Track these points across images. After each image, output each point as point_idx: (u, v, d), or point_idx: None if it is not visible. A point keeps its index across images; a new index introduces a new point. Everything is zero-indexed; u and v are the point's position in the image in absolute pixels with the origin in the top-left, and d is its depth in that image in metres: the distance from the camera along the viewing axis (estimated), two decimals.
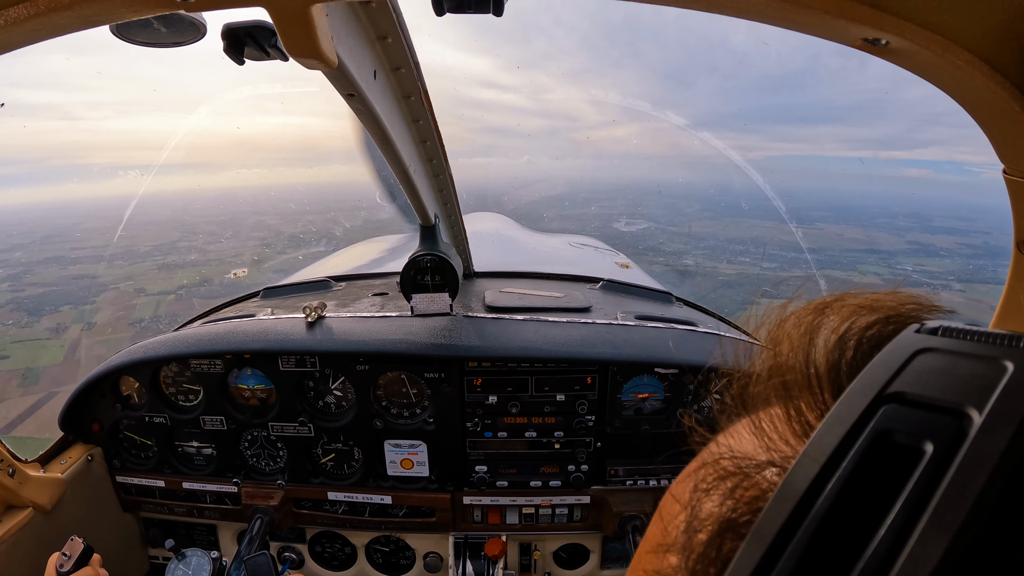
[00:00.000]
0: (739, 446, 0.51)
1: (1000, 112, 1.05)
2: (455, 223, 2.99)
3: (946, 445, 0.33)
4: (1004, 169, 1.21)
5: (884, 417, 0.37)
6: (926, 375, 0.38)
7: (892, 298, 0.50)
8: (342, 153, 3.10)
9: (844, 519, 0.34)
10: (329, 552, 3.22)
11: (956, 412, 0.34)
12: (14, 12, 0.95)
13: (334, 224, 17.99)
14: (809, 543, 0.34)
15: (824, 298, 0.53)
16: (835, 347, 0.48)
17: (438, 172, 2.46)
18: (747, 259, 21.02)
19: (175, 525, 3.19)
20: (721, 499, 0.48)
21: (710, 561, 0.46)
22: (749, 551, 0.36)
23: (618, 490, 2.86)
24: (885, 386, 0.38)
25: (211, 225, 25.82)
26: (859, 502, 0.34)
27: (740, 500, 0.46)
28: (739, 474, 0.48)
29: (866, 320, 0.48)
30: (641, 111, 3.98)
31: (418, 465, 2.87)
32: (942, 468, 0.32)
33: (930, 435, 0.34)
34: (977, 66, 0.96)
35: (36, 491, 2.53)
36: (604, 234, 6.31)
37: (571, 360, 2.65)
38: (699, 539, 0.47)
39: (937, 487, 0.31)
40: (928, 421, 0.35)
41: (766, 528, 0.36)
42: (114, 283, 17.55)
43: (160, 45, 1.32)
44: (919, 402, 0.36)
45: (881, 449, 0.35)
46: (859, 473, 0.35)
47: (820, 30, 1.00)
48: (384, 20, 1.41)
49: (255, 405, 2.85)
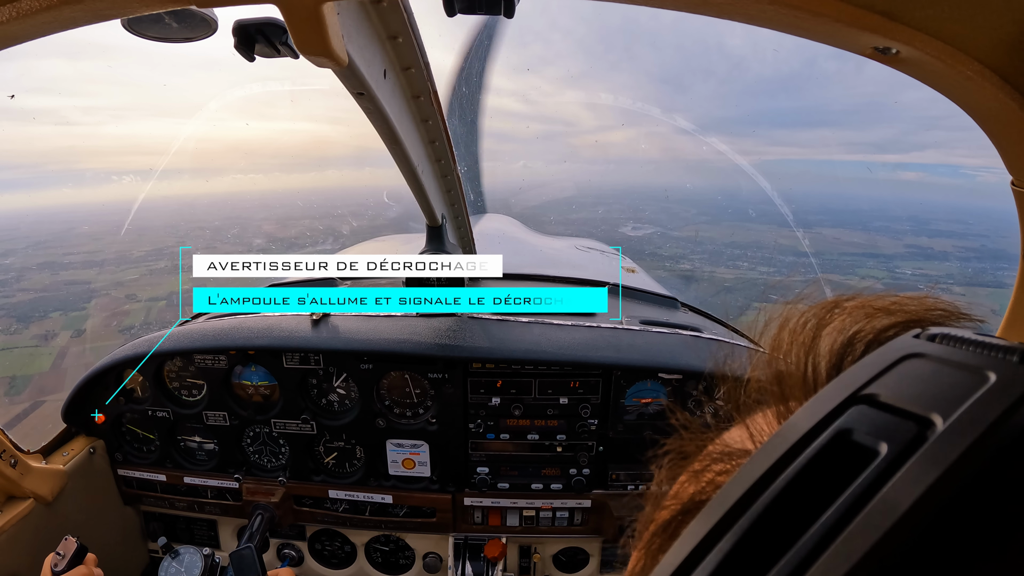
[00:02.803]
0: (730, 436, 0.52)
1: (1010, 124, 1.04)
2: (462, 224, 2.99)
3: (900, 448, 0.33)
4: (1012, 181, 1.20)
5: (849, 416, 0.37)
6: (905, 380, 0.38)
7: (918, 303, 0.50)
8: (343, 158, 3.10)
9: (788, 507, 0.35)
10: (329, 550, 3.23)
11: (920, 419, 0.34)
12: (26, 4, 0.95)
13: (340, 222, 17.98)
14: (744, 533, 0.35)
15: (837, 297, 0.53)
16: (841, 348, 0.48)
17: (446, 173, 2.45)
18: (745, 263, 20.97)
19: (176, 519, 3.20)
20: (688, 479, 0.49)
21: (663, 536, 0.48)
22: (698, 525, 0.37)
23: (619, 495, 2.85)
24: (861, 388, 0.38)
25: (209, 231, 25.82)
26: (806, 493, 0.35)
27: (711, 483, 0.47)
28: (717, 459, 0.49)
29: (885, 322, 0.48)
30: (644, 114, 3.97)
31: (420, 465, 2.87)
32: (890, 471, 0.32)
33: (887, 437, 0.34)
34: (987, 77, 0.96)
35: (37, 482, 2.54)
36: (610, 238, 6.31)
37: (575, 363, 2.65)
38: (662, 516, 0.49)
39: (881, 488, 0.32)
40: (890, 424, 0.35)
41: (717, 506, 0.37)
42: (105, 289, 17.50)
43: (171, 40, 1.33)
44: (888, 406, 0.36)
45: (839, 446, 0.36)
46: (811, 468, 0.36)
47: (831, 38, 1.00)
48: (395, 19, 1.41)
49: (258, 401, 2.86)
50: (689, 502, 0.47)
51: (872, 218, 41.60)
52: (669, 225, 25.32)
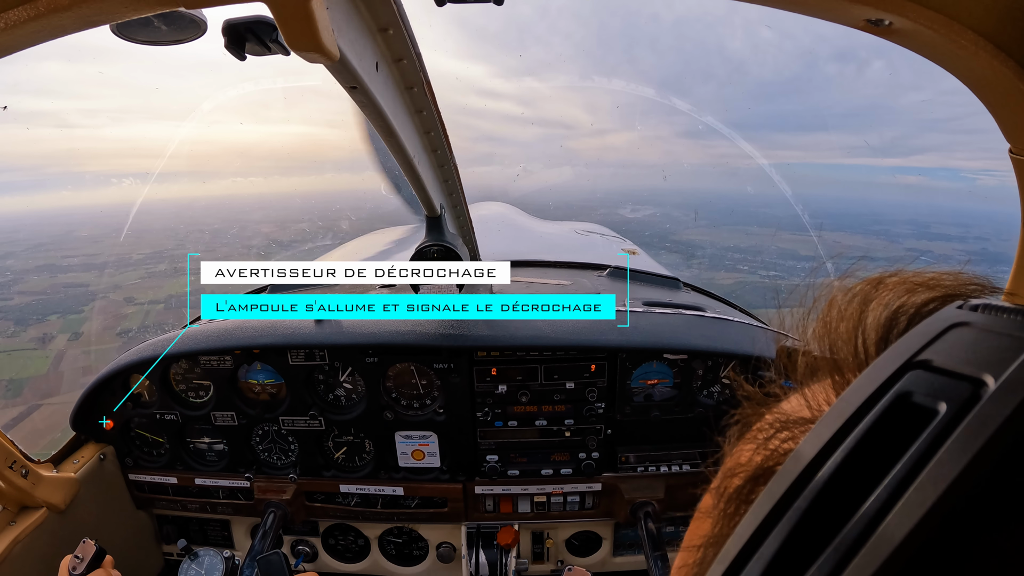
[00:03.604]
0: (787, 406, 0.54)
1: (1005, 91, 1.04)
2: (461, 213, 2.98)
3: (958, 407, 0.35)
4: (1010, 149, 1.20)
5: (907, 381, 0.39)
6: (955, 346, 0.40)
7: (954, 278, 0.53)
8: (340, 161, 3.09)
9: (855, 469, 0.37)
10: (342, 544, 3.25)
11: (974, 379, 0.36)
12: (14, 15, 0.95)
13: (340, 218, 17.90)
14: (820, 491, 0.37)
15: (881, 274, 0.56)
16: (887, 321, 0.50)
17: (443, 162, 2.45)
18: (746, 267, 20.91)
19: (188, 521, 3.21)
20: (756, 448, 0.51)
21: (738, 501, 0.50)
22: (769, 493, 0.39)
23: (629, 477, 2.87)
24: (915, 354, 0.40)
25: (208, 234, 25.72)
26: (871, 455, 0.37)
27: (776, 451, 0.49)
28: (780, 428, 0.51)
29: (925, 296, 0.51)
30: (646, 112, 3.95)
31: (429, 456, 2.88)
32: (951, 427, 0.34)
33: (946, 397, 0.36)
34: (981, 45, 0.95)
35: (50, 491, 2.55)
36: (609, 221, 6.29)
37: (580, 348, 2.66)
38: (734, 483, 0.51)
39: (943, 444, 0.33)
40: (948, 385, 0.37)
41: (786, 475, 0.39)
42: (104, 292, 17.43)
43: (161, 43, 1.32)
44: (943, 369, 0.38)
45: (901, 409, 0.38)
46: (876, 429, 0.38)
47: (823, 11, 0.99)
48: (385, 11, 1.41)
49: (265, 400, 2.87)
50: (758, 469, 0.49)
51: (872, 221, 41.55)
52: (670, 204, 25.23)
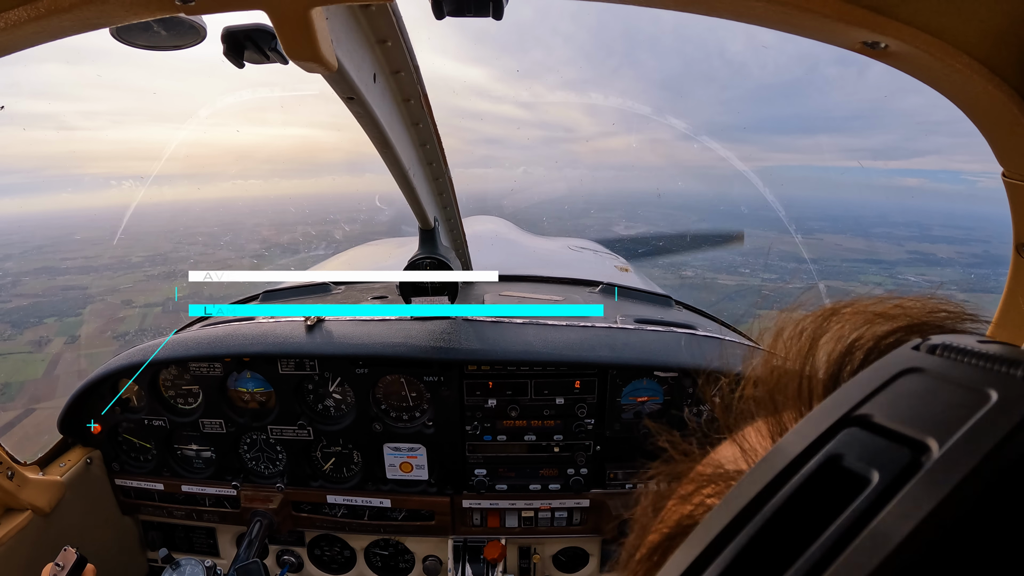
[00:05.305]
0: (719, 454, 0.49)
1: (999, 115, 1.05)
2: (454, 226, 3.00)
3: (892, 477, 0.31)
4: (1003, 172, 1.21)
5: (841, 440, 0.35)
6: (901, 399, 0.36)
7: (920, 305, 0.48)
8: (338, 164, 3.10)
9: (777, 536, 0.33)
10: (328, 555, 3.22)
11: (915, 443, 0.32)
12: (14, 15, 0.95)
13: (334, 227, 17.89)
14: (736, 556, 0.33)
15: (835, 304, 0.50)
16: (840, 357, 0.46)
17: (438, 175, 2.46)
18: (747, 271, 20.96)
19: (174, 528, 3.18)
20: (678, 502, 0.47)
21: (650, 561, 0.46)
22: (685, 551, 0.36)
23: (617, 493, 2.86)
24: (855, 408, 0.36)
25: (204, 237, 25.70)
26: (795, 522, 0.33)
27: (700, 506, 0.45)
28: (707, 480, 0.46)
29: (885, 328, 0.46)
30: (644, 117, 3.97)
31: (417, 468, 2.87)
32: (881, 502, 0.30)
33: (879, 464, 0.32)
34: (976, 69, 0.96)
35: (35, 494, 2.52)
36: (603, 238, 6.31)
37: (570, 363, 2.65)
38: (649, 540, 0.47)
39: (869, 523, 0.30)
40: (883, 449, 0.33)
41: (705, 533, 0.35)
42: (101, 295, 17.39)
43: (160, 48, 1.32)
44: (882, 427, 0.34)
45: (830, 474, 0.34)
46: (802, 493, 0.34)
47: (819, 33, 1.00)
48: (384, 24, 1.41)
49: (254, 408, 2.85)
50: (677, 526, 0.45)
51: (873, 224, 41.75)
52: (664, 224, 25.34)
